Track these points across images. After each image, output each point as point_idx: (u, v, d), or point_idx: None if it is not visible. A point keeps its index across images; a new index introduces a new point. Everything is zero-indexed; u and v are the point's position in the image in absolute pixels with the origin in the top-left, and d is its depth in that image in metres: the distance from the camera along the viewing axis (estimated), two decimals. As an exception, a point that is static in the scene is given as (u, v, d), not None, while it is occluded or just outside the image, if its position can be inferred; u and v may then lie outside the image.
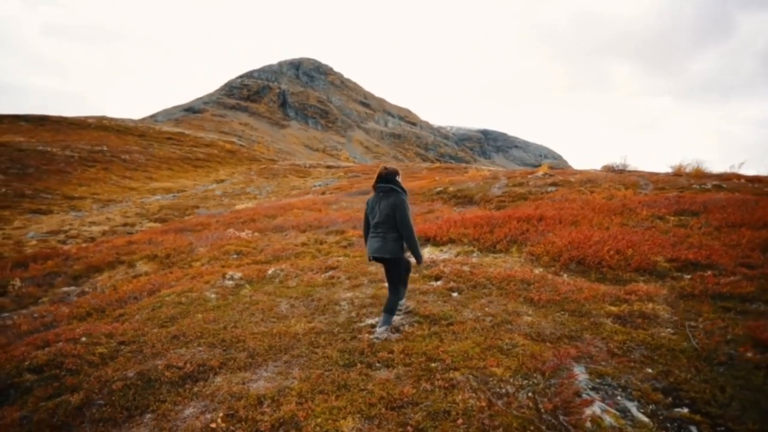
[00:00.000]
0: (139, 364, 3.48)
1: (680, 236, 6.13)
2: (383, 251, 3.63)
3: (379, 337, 3.61)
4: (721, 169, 15.24)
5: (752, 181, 13.17)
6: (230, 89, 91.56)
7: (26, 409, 2.92)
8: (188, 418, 2.68)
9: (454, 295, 4.70)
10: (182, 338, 3.96)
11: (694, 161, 15.67)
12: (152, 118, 74.91)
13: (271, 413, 2.59)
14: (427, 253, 6.84)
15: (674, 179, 14.07)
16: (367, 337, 3.66)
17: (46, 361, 3.50)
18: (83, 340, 4.00)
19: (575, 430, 2.41)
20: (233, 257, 8.55)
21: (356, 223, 10.56)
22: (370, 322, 4.05)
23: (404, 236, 3.63)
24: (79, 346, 3.81)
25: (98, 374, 3.34)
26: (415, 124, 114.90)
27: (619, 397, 2.76)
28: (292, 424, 2.47)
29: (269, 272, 6.48)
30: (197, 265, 8.19)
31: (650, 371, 3.03)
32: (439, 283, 5.16)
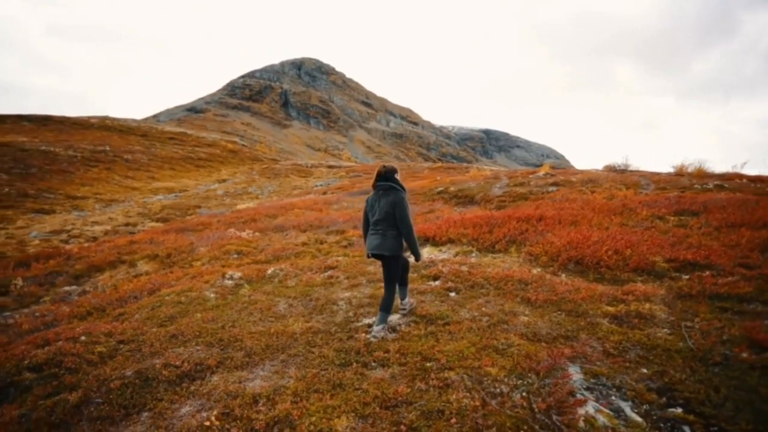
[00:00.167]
0: (137, 362, 3.51)
1: (679, 236, 6.12)
2: (382, 248, 3.65)
3: (376, 335, 3.63)
4: (723, 169, 15.19)
5: (754, 180, 13.11)
6: (232, 89, 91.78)
7: (25, 407, 2.95)
8: (184, 416, 2.71)
9: (451, 295, 4.71)
10: (180, 337, 3.99)
11: (696, 161, 15.62)
12: (155, 118, 75.16)
13: (266, 412, 2.61)
14: (426, 253, 6.85)
15: (676, 179, 14.03)
16: (363, 336, 3.68)
17: (45, 359, 3.53)
18: (83, 339, 4.03)
19: (568, 429, 2.42)
20: (234, 257, 8.59)
21: (357, 222, 10.58)
22: (367, 321, 4.06)
23: (403, 234, 3.67)
24: (78, 345, 3.84)
25: (97, 373, 3.36)
26: (417, 123, 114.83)
27: (613, 397, 2.77)
28: (286, 422, 2.49)
29: (269, 272, 6.50)
30: (198, 264, 8.23)
31: (645, 371, 3.03)
32: (437, 283, 5.17)
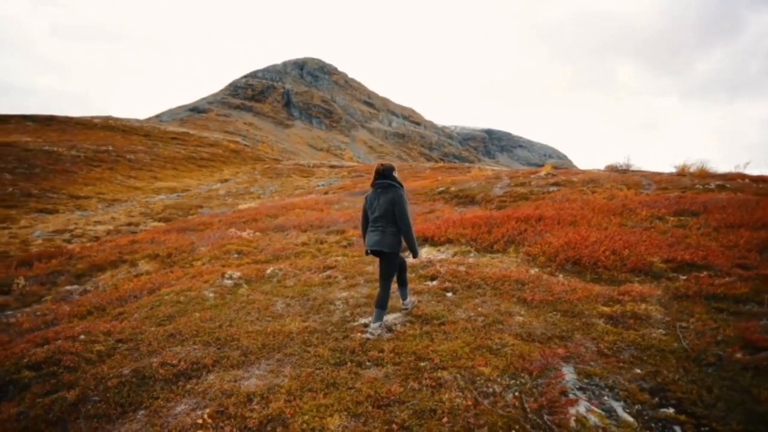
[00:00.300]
0: (135, 361, 3.54)
1: (678, 237, 6.11)
2: (381, 244, 3.71)
3: (372, 333, 3.67)
4: (726, 169, 15.12)
5: (757, 181, 13.06)
6: (235, 89, 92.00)
7: (24, 405, 2.99)
8: (179, 414, 2.73)
9: (448, 295, 4.73)
10: (178, 336, 4.02)
11: (698, 161, 15.57)
12: (157, 118, 75.43)
13: (259, 410, 2.64)
14: (424, 253, 6.87)
15: (678, 179, 13.99)
16: (359, 336, 3.70)
17: (44, 358, 3.57)
18: (82, 337, 4.06)
19: (559, 429, 2.44)
20: (234, 256, 8.63)
21: (357, 222, 10.61)
22: (363, 321, 4.09)
23: (402, 230, 3.73)
24: (77, 343, 3.88)
25: (95, 371, 3.40)
26: (419, 123, 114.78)
27: (605, 397, 2.78)
28: (279, 421, 2.51)
29: (268, 272, 6.54)
30: (198, 264, 8.27)
31: (639, 371, 3.04)
32: (434, 283, 5.19)
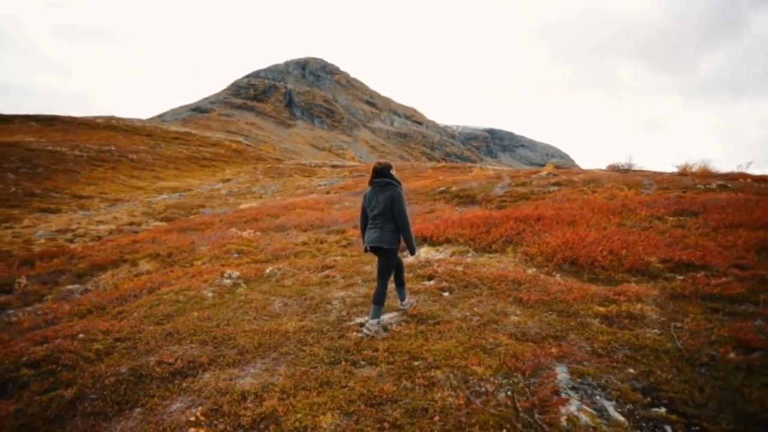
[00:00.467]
0: (132, 360, 3.58)
1: (676, 237, 6.11)
2: (380, 241, 3.77)
3: (369, 329, 3.71)
4: (729, 168, 15.06)
5: (758, 180, 13.01)
6: (237, 89, 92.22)
7: (22, 402, 3.03)
8: (174, 412, 2.76)
9: (445, 294, 4.74)
10: (176, 335, 4.05)
11: (700, 161, 15.53)
12: (160, 117, 75.70)
13: (253, 408, 2.67)
14: (423, 253, 6.89)
15: (679, 179, 13.95)
16: (354, 335, 3.72)
17: (43, 356, 3.60)
18: (81, 336, 4.10)
19: (550, 428, 2.45)
20: (234, 256, 8.66)
21: (357, 222, 10.63)
22: (359, 320, 4.11)
23: (400, 227, 3.80)
24: (76, 342, 3.92)
25: (93, 370, 3.43)
26: (421, 123, 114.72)
27: (597, 396, 2.79)
28: (272, 419, 2.54)
29: (267, 271, 6.57)
30: (198, 263, 8.31)
31: (632, 371, 3.05)
32: (431, 282, 5.20)
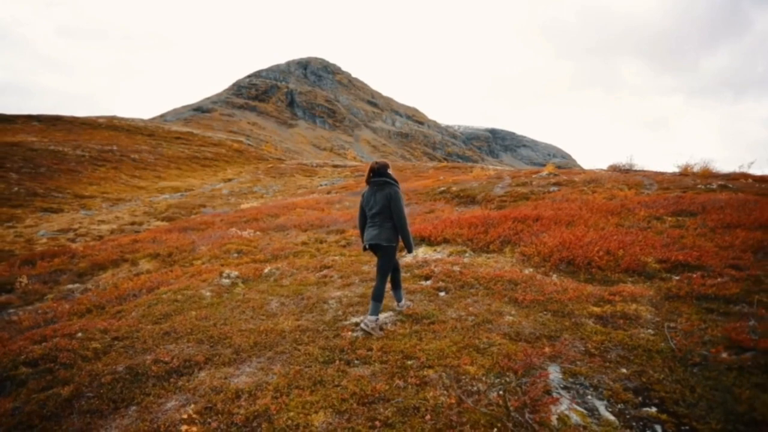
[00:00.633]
0: (129, 358, 3.61)
1: (674, 237, 6.11)
2: (379, 238, 3.85)
3: (367, 324, 3.76)
4: (731, 168, 15.03)
5: (759, 181, 12.98)
6: (239, 89, 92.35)
7: (19, 400, 3.06)
8: (169, 410, 2.79)
9: (441, 294, 4.76)
10: (173, 334, 4.08)
11: (701, 161, 15.50)
12: (162, 117, 75.89)
13: (246, 407, 2.69)
14: (421, 253, 6.91)
15: (680, 179, 13.93)
16: (349, 335, 3.75)
17: (41, 355, 3.64)
18: (79, 335, 4.14)
19: (540, 427, 2.47)
20: (233, 256, 8.70)
21: (357, 222, 10.65)
22: (355, 320, 4.13)
23: (397, 225, 3.86)
24: (74, 341, 3.95)
25: (90, 368, 3.47)
26: (422, 123, 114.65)
27: (589, 396, 2.81)
28: (265, 417, 2.56)
29: (265, 271, 6.60)
30: (198, 263, 8.35)
31: (624, 371, 3.06)
32: (428, 282, 5.22)
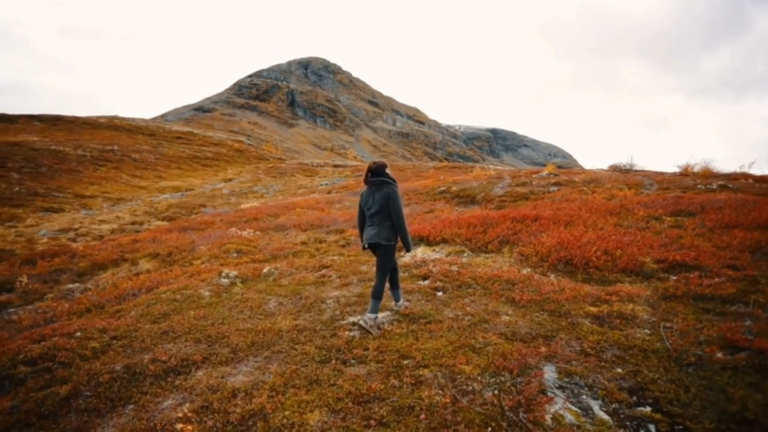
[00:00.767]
0: (127, 358, 3.63)
1: (672, 237, 6.11)
2: (378, 237, 3.91)
3: (366, 321, 3.80)
4: (732, 168, 15.02)
5: (760, 181, 12.97)
6: (239, 89, 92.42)
7: (17, 399, 3.08)
8: (166, 409, 2.81)
9: (438, 294, 4.77)
10: (171, 334, 4.10)
11: (702, 161, 15.50)
12: (162, 117, 75.99)
13: (242, 406, 2.71)
14: (419, 252, 6.92)
15: (680, 179, 13.92)
16: (346, 334, 3.76)
17: (40, 354, 3.66)
18: (78, 334, 4.16)
19: (534, 426, 2.48)
20: (233, 256, 8.72)
21: (356, 222, 10.67)
22: (352, 320, 4.14)
23: (396, 224, 3.91)
24: (73, 340, 3.97)
25: (88, 367, 3.48)
26: (423, 123, 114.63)
27: (584, 395, 2.82)
28: (260, 416, 2.58)
29: (264, 270, 6.61)
30: (197, 263, 8.37)
31: (620, 371, 3.07)
32: (426, 282, 5.23)
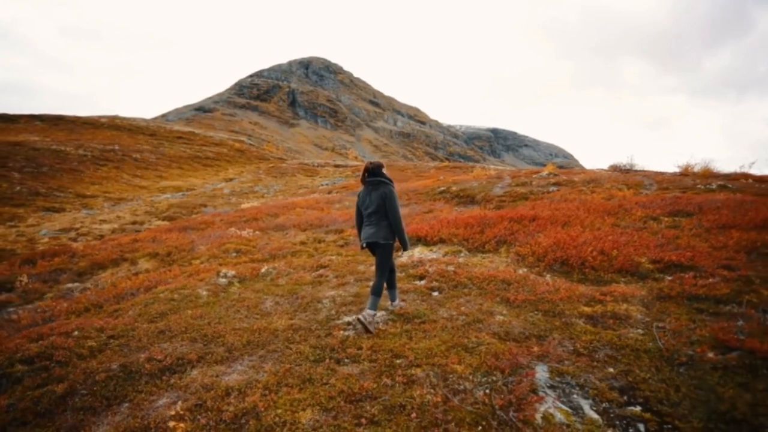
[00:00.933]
0: (123, 357, 3.66)
1: (669, 237, 6.12)
2: (376, 236, 3.95)
3: (365, 317, 3.79)
4: (733, 168, 15.00)
5: (759, 181, 12.96)
6: (240, 89, 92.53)
7: (14, 397, 3.11)
8: (160, 407, 2.84)
9: (434, 294, 4.79)
10: (168, 333, 4.13)
11: (702, 161, 15.50)
12: (163, 117, 76.14)
13: (236, 404, 2.74)
14: (417, 253, 6.94)
15: (680, 179, 13.92)
16: (341, 333, 3.78)
17: (37, 353, 3.69)
18: (75, 334, 4.19)
19: (524, 425, 2.50)
20: (232, 255, 8.75)
21: (355, 221, 10.69)
22: (347, 319, 4.17)
23: (392, 224, 3.95)
24: (70, 339, 4.01)
25: (85, 366, 3.52)
26: (424, 123, 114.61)
27: (575, 395, 2.83)
28: (253, 414, 2.61)
29: (262, 270, 6.64)
30: (196, 263, 8.40)
31: (611, 370, 3.09)
32: (422, 282, 5.25)
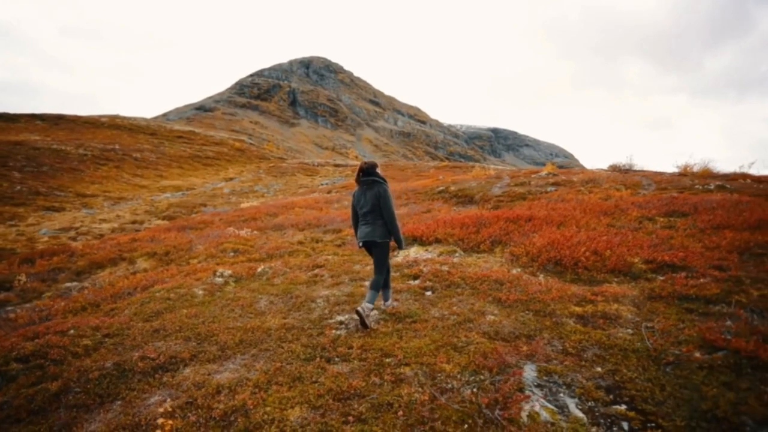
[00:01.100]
0: (117, 355, 3.70)
1: (663, 238, 6.14)
2: (372, 235, 4.01)
3: (363, 309, 3.78)
4: (733, 168, 15.01)
5: (758, 181, 12.96)
6: (241, 88, 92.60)
7: (8, 395, 3.15)
8: (152, 405, 2.88)
9: (427, 294, 4.83)
10: (162, 332, 4.17)
11: (701, 161, 15.51)
12: (164, 116, 76.25)
13: (225, 402, 2.77)
14: (412, 252, 6.97)
15: (678, 179, 13.93)
16: (333, 333, 3.82)
17: (32, 351, 3.73)
18: (71, 332, 4.23)
19: (509, 424, 2.53)
20: (230, 255, 8.79)
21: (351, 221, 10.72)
22: (340, 318, 4.20)
23: (387, 221, 4.01)
24: (65, 338, 4.05)
25: (79, 364, 3.56)
26: (424, 122, 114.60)
27: (561, 394, 2.86)
28: (242, 411, 2.64)
29: (258, 270, 6.68)
30: (194, 262, 8.45)
31: (599, 370, 3.12)
32: (416, 282, 5.29)
